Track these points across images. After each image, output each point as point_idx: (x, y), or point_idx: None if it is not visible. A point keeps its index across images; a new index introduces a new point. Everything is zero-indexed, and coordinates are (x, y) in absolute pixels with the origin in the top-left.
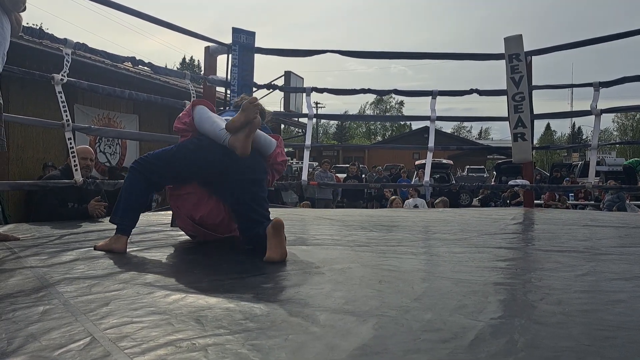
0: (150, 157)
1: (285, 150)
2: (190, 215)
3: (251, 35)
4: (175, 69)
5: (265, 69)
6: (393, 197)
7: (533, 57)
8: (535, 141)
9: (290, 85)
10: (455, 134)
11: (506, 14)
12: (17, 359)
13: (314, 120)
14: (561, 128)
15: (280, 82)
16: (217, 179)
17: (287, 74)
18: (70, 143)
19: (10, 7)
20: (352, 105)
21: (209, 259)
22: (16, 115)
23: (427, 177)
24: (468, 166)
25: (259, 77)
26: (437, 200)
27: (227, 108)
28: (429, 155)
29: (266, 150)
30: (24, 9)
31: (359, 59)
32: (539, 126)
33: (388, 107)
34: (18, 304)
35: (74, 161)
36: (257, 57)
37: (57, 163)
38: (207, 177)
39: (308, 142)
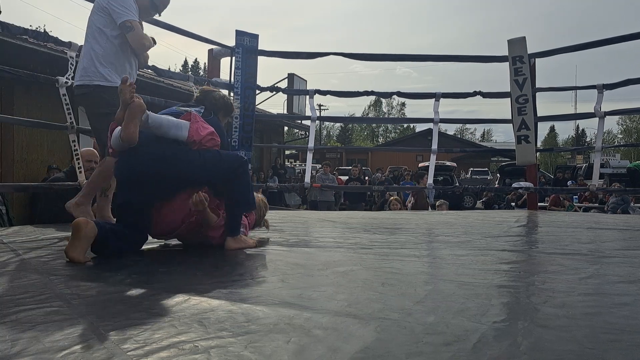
0: None
1: (288, 152)
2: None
3: (254, 37)
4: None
5: (269, 71)
6: (392, 197)
7: (537, 59)
8: (539, 143)
9: (294, 88)
10: (459, 136)
11: (510, 17)
12: None
13: (317, 122)
14: (565, 130)
15: (284, 85)
16: (137, 185)
17: (291, 77)
18: (75, 145)
19: (139, 51)
20: (356, 107)
21: (211, 261)
22: (21, 118)
23: (430, 180)
24: (472, 168)
25: (263, 80)
26: (437, 203)
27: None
28: (433, 157)
29: (176, 134)
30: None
31: (363, 61)
32: (543, 128)
33: (390, 108)
34: (22, 306)
35: (78, 163)
36: (261, 60)
37: (61, 165)
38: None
39: (311, 144)
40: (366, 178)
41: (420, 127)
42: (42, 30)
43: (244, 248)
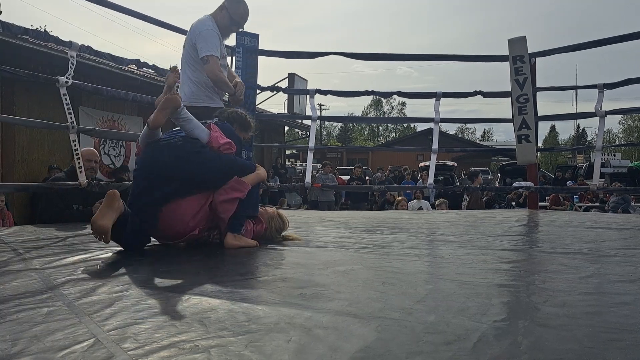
0: None
1: (289, 152)
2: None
3: (255, 37)
4: None
5: (269, 71)
6: (399, 198)
7: (537, 58)
8: (539, 143)
9: (294, 87)
10: (460, 135)
11: (510, 17)
12: None
13: (318, 122)
14: (566, 130)
15: (284, 84)
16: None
17: (291, 76)
18: (75, 145)
19: (213, 82)
20: (357, 107)
21: (212, 260)
22: (21, 118)
23: (431, 179)
24: (472, 168)
25: (263, 80)
26: (437, 202)
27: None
28: (433, 157)
29: (200, 135)
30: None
31: (364, 61)
32: (544, 128)
33: (390, 108)
34: (22, 306)
35: (79, 163)
36: (261, 59)
37: (62, 165)
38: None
39: (312, 144)
40: (367, 178)
41: (420, 127)
42: (43, 30)
43: (243, 247)
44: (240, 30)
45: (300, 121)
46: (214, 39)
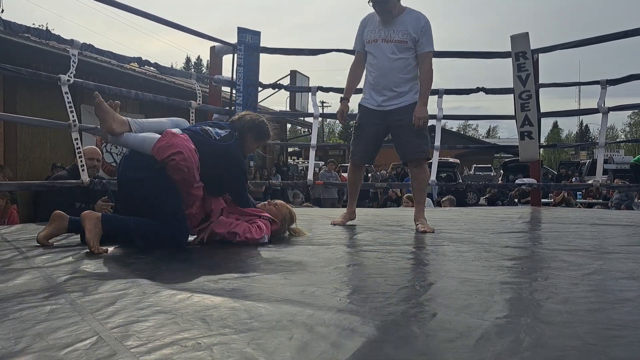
0: None
1: (291, 149)
2: None
3: (256, 34)
4: (180, 68)
5: (271, 68)
6: (407, 194)
7: (540, 55)
8: (542, 139)
9: (296, 85)
10: (462, 132)
11: (513, 13)
12: (24, 358)
13: (320, 119)
14: (569, 126)
15: (286, 82)
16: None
17: (293, 74)
18: (77, 143)
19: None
20: None
21: (214, 258)
22: (23, 116)
23: (433, 176)
24: (475, 165)
25: (265, 77)
26: (443, 199)
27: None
28: (436, 154)
29: (142, 149)
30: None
31: None
32: (547, 124)
33: None
34: (25, 304)
35: (81, 161)
36: (263, 57)
37: (65, 163)
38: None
39: (314, 141)
40: (369, 175)
41: None
42: (45, 29)
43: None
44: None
45: (302, 119)
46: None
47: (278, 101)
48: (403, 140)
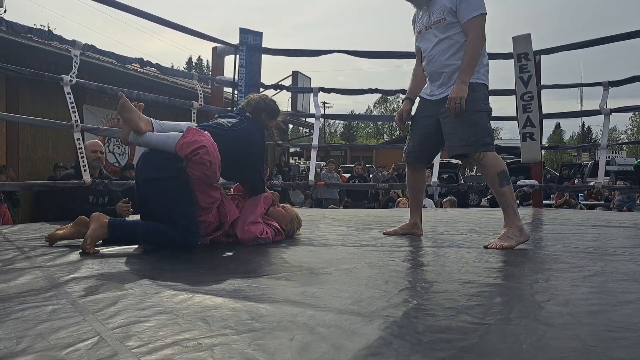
0: None
1: (292, 150)
2: None
3: (258, 35)
4: (182, 69)
5: (273, 69)
6: (400, 197)
7: (542, 56)
8: (544, 141)
9: (298, 85)
10: None
11: (515, 14)
12: (25, 358)
13: (322, 120)
14: (571, 127)
15: (288, 82)
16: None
17: (295, 74)
18: (79, 143)
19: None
20: (362, 105)
21: (215, 258)
22: (26, 116)
23: (434, 177)
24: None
25: (267, 78)
26: (444, 200)
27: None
28: (437, 155)
29: (163, 145)
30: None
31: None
32: (549, 126)
33: (397, 106)
34: (27, 303)
35: (83, 162)
36: (265, 58)
37: (67, 163)
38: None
39: (315, 142)
40: (370, 176)
41: None
42: (47, 29)
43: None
44: None
45: (304, 119)
46: None
47: (280, 102)
48: (447, 133)
